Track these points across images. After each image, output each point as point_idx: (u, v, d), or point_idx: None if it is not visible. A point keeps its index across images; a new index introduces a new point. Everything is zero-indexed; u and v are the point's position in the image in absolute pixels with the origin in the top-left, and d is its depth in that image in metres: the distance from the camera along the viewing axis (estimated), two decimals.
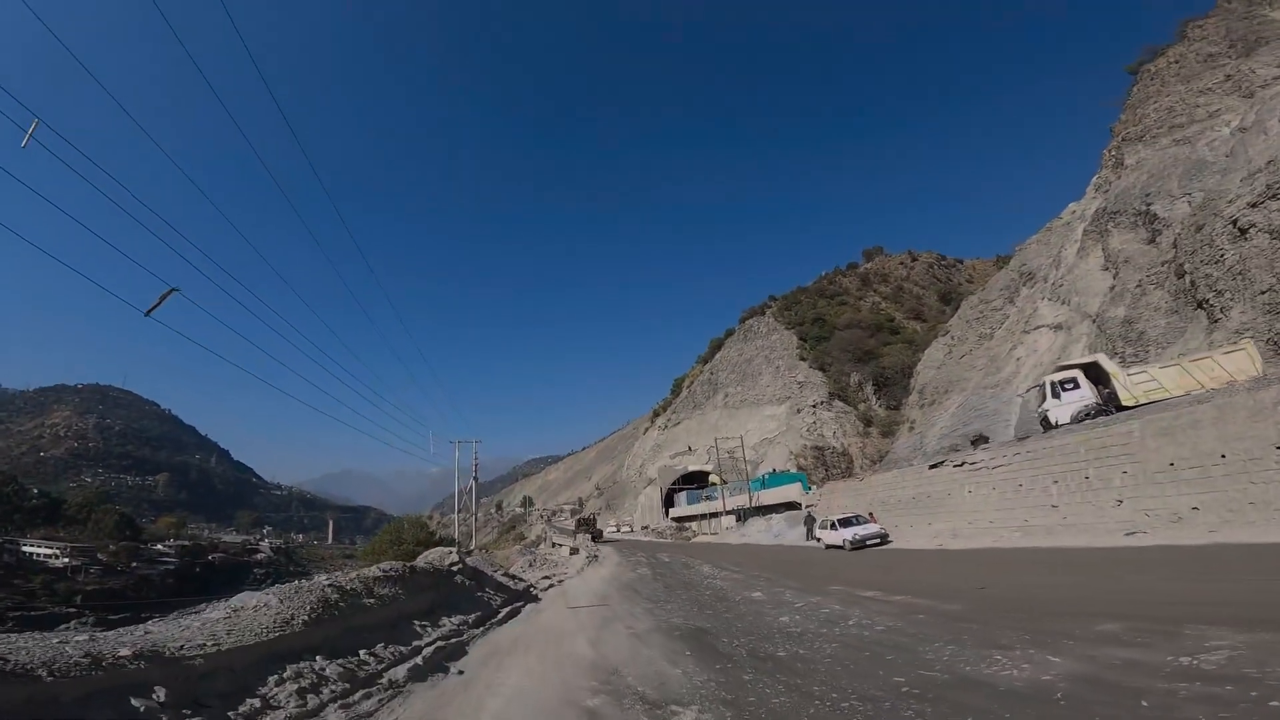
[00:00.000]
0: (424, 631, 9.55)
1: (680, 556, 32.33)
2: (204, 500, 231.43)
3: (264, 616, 7.12)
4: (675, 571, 23.66)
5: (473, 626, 11.01)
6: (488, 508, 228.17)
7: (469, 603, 12.28)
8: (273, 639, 6.78)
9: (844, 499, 33.91)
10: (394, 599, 9.81)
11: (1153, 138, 41.05)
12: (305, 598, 7.90)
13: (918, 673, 6.66)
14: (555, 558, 31.69)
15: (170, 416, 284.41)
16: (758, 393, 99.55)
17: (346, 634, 8.00)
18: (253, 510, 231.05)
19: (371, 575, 10.05)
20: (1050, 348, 44.03)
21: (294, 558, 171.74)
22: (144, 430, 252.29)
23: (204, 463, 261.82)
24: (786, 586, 15.33)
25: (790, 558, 26.43)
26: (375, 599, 9.26)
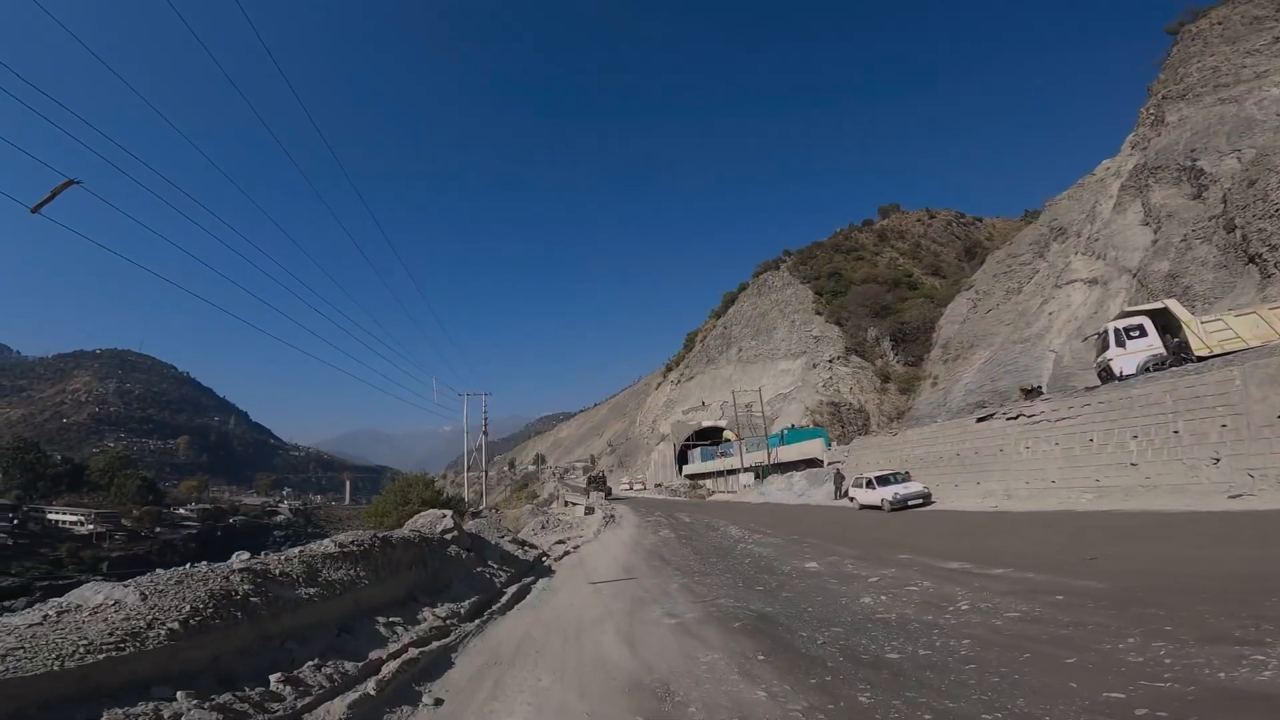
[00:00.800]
0: (393, 632, 6.89)
1: (701, 516, 30.24)
2: (224, 462, 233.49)
3: (101, 623, 4.51)
4: (701, 534, 21.47)
5: (466, 619, 8.43)
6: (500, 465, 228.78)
7: (464, 583, 9.75)
8: (99, 662, 4.11)
9: (874, 455, 31.52)
10: (350, 586, 7.05)
11: (1195, 96, 39.62)
12: (188, 591, 5.24)
13: (1140, 684, 4.27)
14: (569, 518, 29.63)
15: (188, 379, 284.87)
16: (772, 347, 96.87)
17: (257, 646, 5.38)
18: (271, 472, 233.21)
19: (320, 552, 7.27)
20: (1085, 302, 42.34)
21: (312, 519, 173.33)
22: (163, 394, 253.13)
23: (223, 425, 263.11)
24: (841, 555, 12.98)
25: (825, 519, 24.13)
26: (318, 587, 6.53)
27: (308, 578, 6.60)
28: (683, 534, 22.10)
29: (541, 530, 24.43)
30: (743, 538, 18.96)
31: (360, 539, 8.24)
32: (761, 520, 25.02)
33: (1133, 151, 45.02)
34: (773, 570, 11.96)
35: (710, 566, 13.33)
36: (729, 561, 13.86)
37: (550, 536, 22.51)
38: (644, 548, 18.25)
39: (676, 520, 28.85)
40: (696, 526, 24.98)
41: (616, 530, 25.06)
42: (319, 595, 6.45)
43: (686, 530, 23.53)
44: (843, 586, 9.56)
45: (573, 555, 16.43)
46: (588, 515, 31.06)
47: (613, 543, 20.40)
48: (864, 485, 25.43)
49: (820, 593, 9.27)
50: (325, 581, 6.78)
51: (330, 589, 6.74)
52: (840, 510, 26.99)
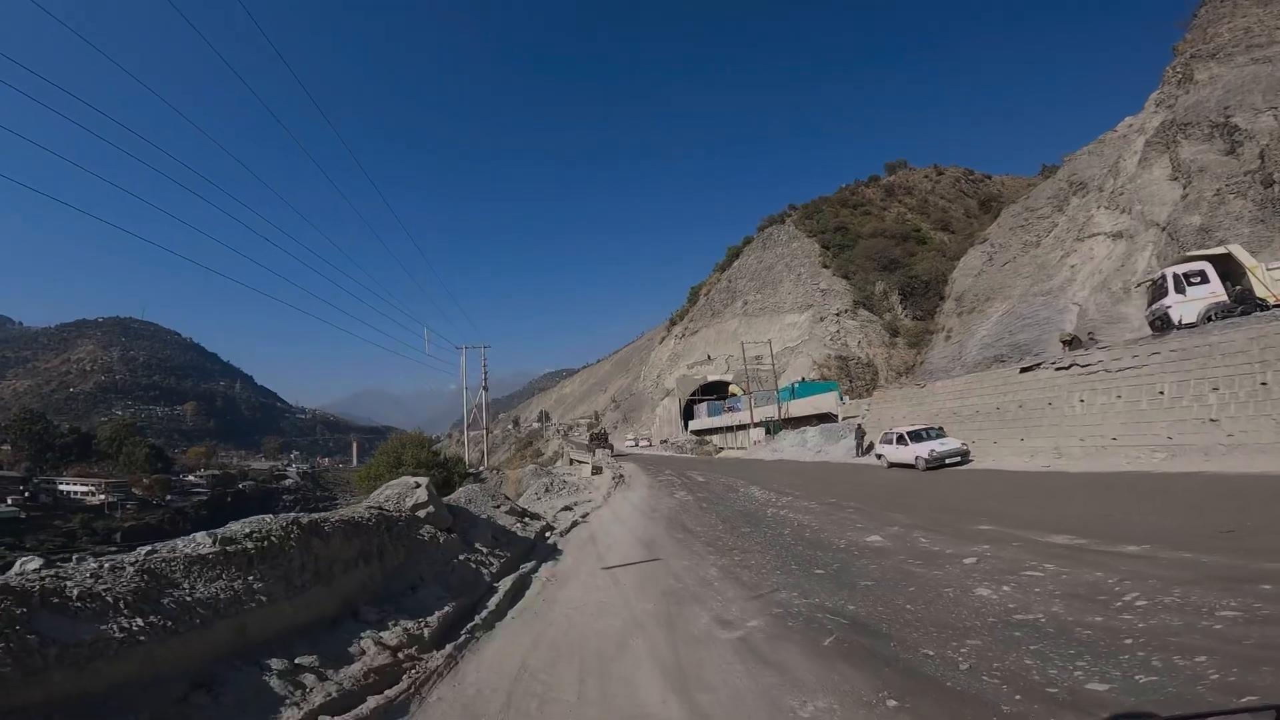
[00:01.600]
0: (296, 686, 4.19)
1: (716, 475, 28.23)
2: (231, 427, 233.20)
3: None
4: (722, 497, 19.39)
5: (432, 642, 5.68)
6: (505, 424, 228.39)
7: (440, 580, 7.17)
8: None
9: (900, 408, 29.34)
10: (230, 606, 4.38)
11: (1227, 55, 38.85)
12: None
13: None
14: (575, 479, 27.68)
15: (193, 345, 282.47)
16: (778, 300, 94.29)
17: None
18: (279, 435, 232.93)
19: (186, 554, 4.54)
20: (1110, 255, 41.40)
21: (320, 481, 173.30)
22: (168, 360, 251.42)
23: (229, 389, 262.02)
24: (902, 524, 10.81)
25: (855, 478, 22.01)
26: (163, 615, 3.90)
27: (141, 600, 3.88)
28: (701, 496, 20.04)
29: (545, 494, 22.33)
30: (770, 500, 16.86)
31: (268, 525, 5.41)
32: (784, 480, 22.96)
33: (1157, 109, 44.00)
34: (826, 545, 9.80)
35: (746, 540, 11.17)
36: (766, 533, 11.70)
37: (555, 501, 20.44)
38: (662, 514, 16.13)
39: (690, 480, 26.86)
40: (713, 487, 22.96)
41: (627, 492, 23.01)
42: (161, 628, 3.79)
43: (704, 491, 21.49)
44: (934, 571, 7.36)
45: (582, 526, 14.30)
46: (595, 475, 29.07)
47: (625, 508, 18.31)
48: (894, 441, 23.29)
49: (909, 580, 7.07)
50: (181, 603, 4.07)
51: (187, 615, 4.04)
52: (867, 469, 24.92)
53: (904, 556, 8.38)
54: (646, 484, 25.82)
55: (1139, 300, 40.95)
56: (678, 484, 25.30)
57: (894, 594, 6.60)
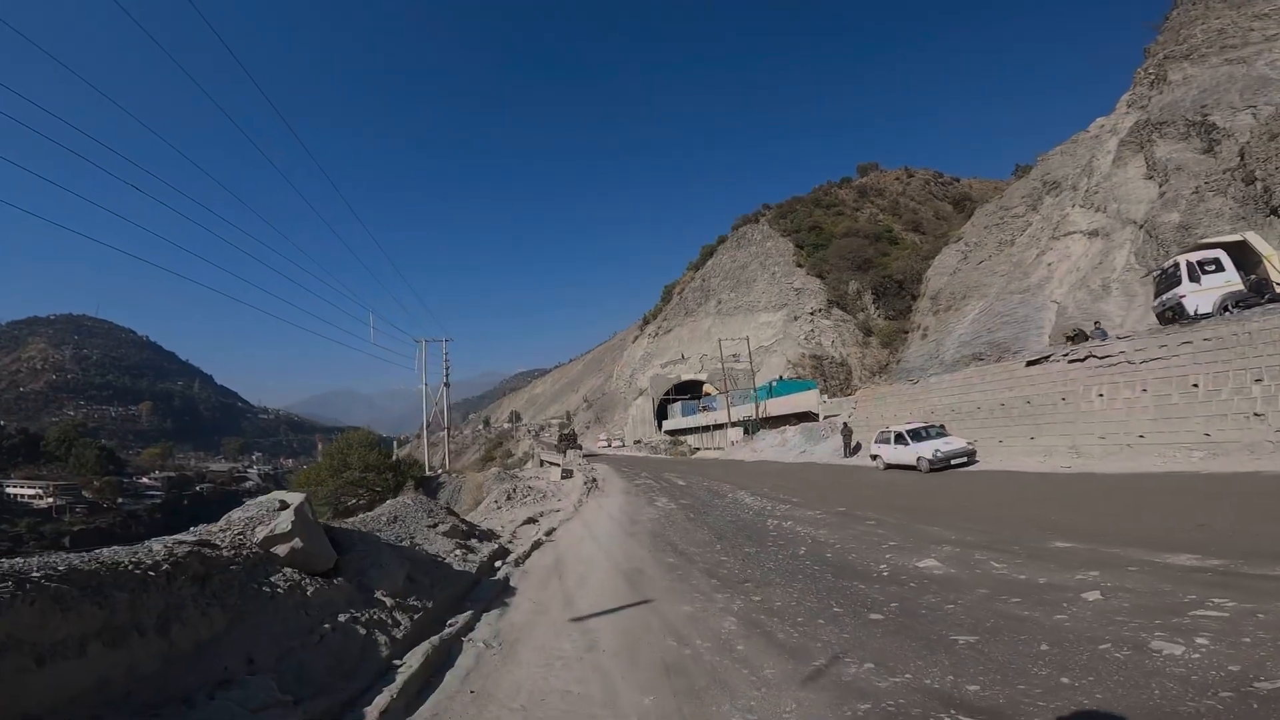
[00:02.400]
0: None
1: (696, 477, 25.92)
2: (190, 428, 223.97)
3: None
4: (708, 503, 17.03)
5: None
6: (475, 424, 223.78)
7: (285, 658, 4.35)
8: None
9: (891, 406, 27.39)
10: None
11: (1201, 57, 39.31)
12: None
13: None
14: (543, 484, 24.83)
15: (149, 343, 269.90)
16: (752, 299, 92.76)
17: None
18: (240, 436, 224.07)
19: None
20: (1086, 253, 41.13)
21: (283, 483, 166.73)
22: (123, 359, 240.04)
23: (187, 389, 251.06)
24: (948, 542, 8.59)
25: (853, 481, 19.85)
26: None
27: None
28: (685, 504, 17.66)
29: (507, 502, 19.52)
30: (767, 509, 14.56)
31: None
32: (772, 482, 20.73)
33: (1129, 110, 43.99)
34: (864, 573, 7.49)
35: (755, 565, 8.79)
36: (777, 554, 9.36)
37: (518, 512, 17.68)
38: (644, 528, 13.65)
39: (669, 483, 24.49)
40: (696, 492, 20.62)
41: (602, 499, 20.49)
42: None
43: (687, 498, 19.12)
44: (1053, 614, 5.06)
45: (547, 547, 11.62)
46: (565, 479, 26.42)
47: (600, 520, 15.74)
48: (891, 441, 21.24)
49: (1022, 629, 4.78)
50: None
51: None
52: (860, 470, 22.82)
53: (986, 590, 6.10)
54: (622, 489, 23.38)
55: (1119, 297, 40.74)
56: (656, 488, 22.92)
57: (1020, 658, 4.30)
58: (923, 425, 21.02)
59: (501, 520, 15.81)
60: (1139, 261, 36.24)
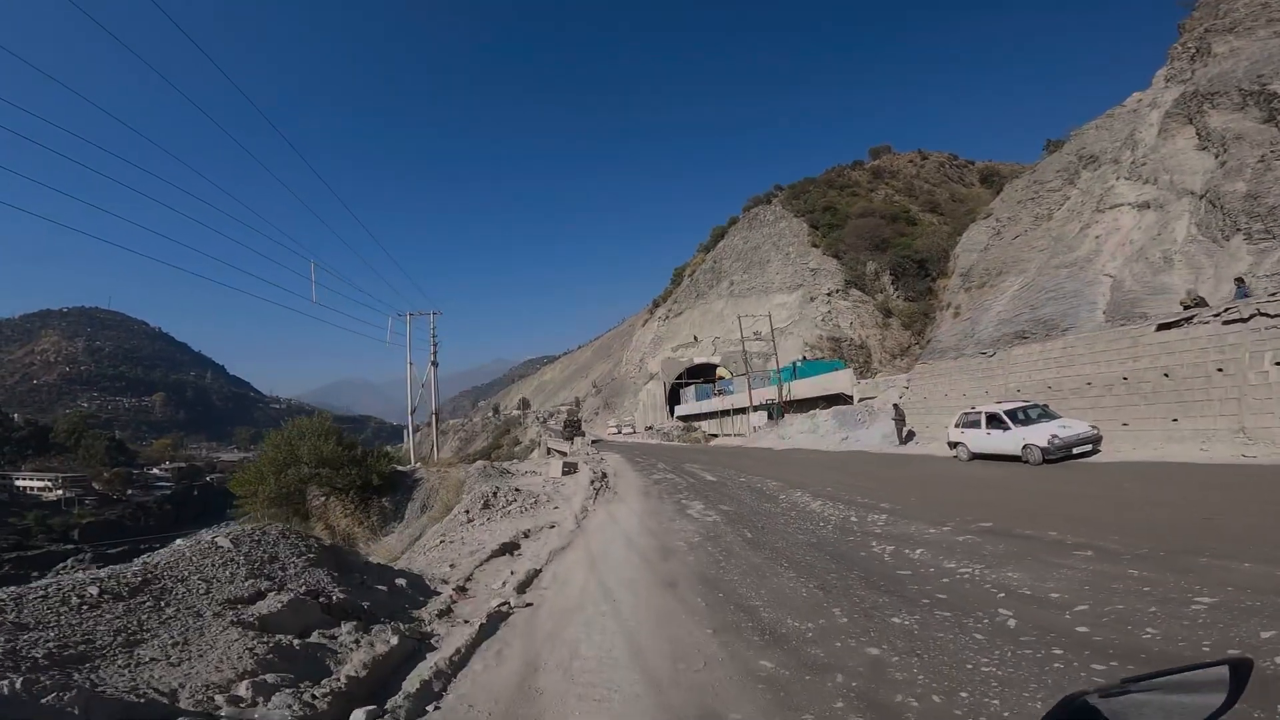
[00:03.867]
0: None
1: (726, 471, 21.32)
2: (203, 418, 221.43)
3: None
4: (761, 512, 12.44)
5: None
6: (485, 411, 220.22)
7: None
8: None
9: (959, 384, 22.66)
10: None
11: (1246, 30, 38.37)
12: None
13: None
14: (536, 484, 19.48)
15: (161, 334, 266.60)
16: (766, 280, 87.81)
17: None
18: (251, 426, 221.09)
19: None
20: (1139, 225, 38.94)
21: None
22: (135, 350, 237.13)
23: (200, 380, 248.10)
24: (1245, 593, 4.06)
25: (941, 477, 15.10)
26: None
27: None
28: (727, 510, 13.09)
29: (482, 512, 14.31)
30: (854, 523, 10.04)
31: None
32: (831, 479, 16.11)
33: (1168, 84, 42.26)
34: None
35: (958, 688, 4.23)
36: (995, 647, 4.77)
37: (495, 529, 12.92)
38: (685, 565, 8.99)
39: (696, 478, 19.93)
40: (735, 490, 16.06)
41: (613, 505, 15.64)
42: None
43: (727, 501, 14.52)
44: None
45: (515, 621, 6.82)
46: (567, 475, 21.89)
47: (613, 547, 10.93)
48: (981, 425, 16.56)
49: None
50: None
51: None
52: (936, 462, 18.09)
53: None
54: (639, 488, 18.77)
55: (1183, 270, 37.83)
56: (682, 486, 18.34)
57: None
58: (1022, 405, 16.31)
59: (461, 550, 11.03)
60: (1202, 233, 34.17)
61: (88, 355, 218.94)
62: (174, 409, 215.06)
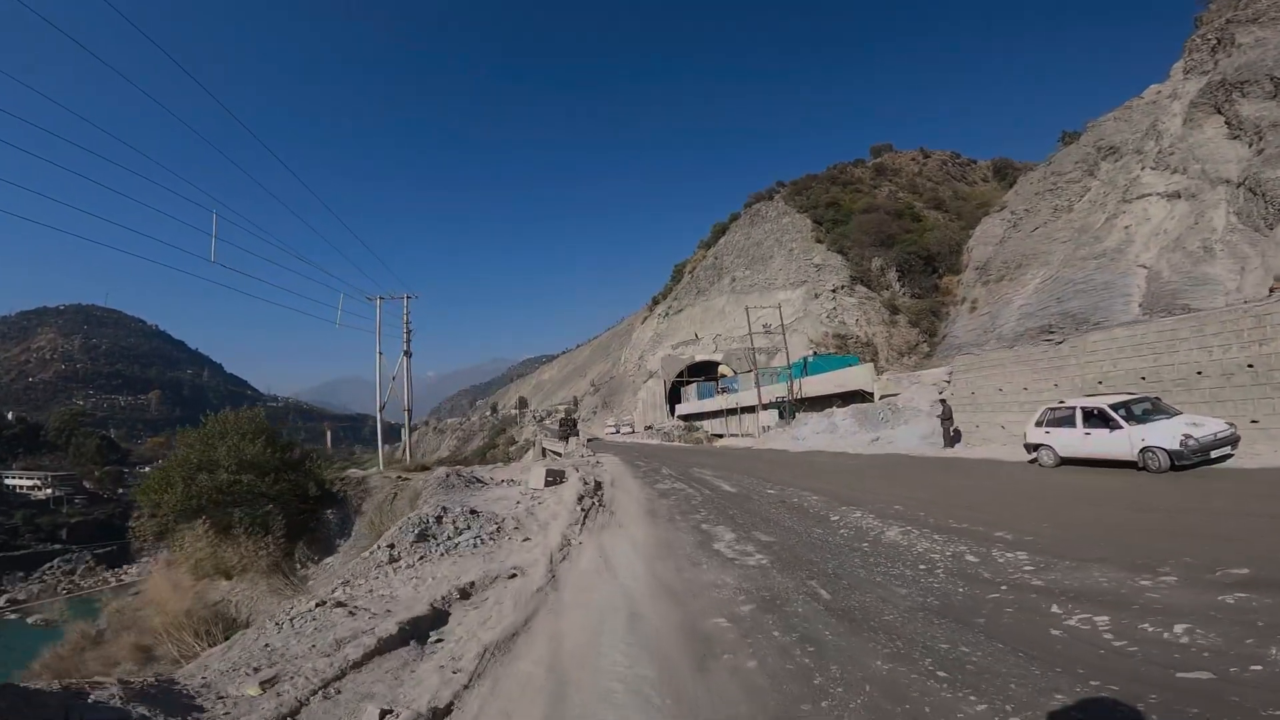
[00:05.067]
0: None
1: (745, 479, 17.74)
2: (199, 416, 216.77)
3: None
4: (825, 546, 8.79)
5: None
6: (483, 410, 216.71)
7: None
8: None
9: (1018, 376, 19.11)
10: None
11: (1270, 20, 38.34)
12: None
13: None
14: (509, 499, 15.19)
15: (158, 332, 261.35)
16: (769, 276, 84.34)
17: None
18: None
19: None
20: (1171, 215, 37.60)
21: None
22: (132, 348, 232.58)
23: (196, 377, 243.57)
24: None
25: (1039, 489, 11.43)
26: None
27: None
28: (769, 541, 9.51)
29: (415, 546, 10.09)
30: (972, 562, 6.56)
31: None
32: (885, 491, 12.53)
33: (1187, 75, 41.94)
34: None
35: None
36: None
37: (418, 582, 8.44)
38: (732, 667, 5.01)
39: (712, 489, 16.34)
40: (766, 509, 12.47)
41: (607, 536, 11.38)
42: None
43: (764, 526, 10.89)
44: None
45: None
46: (551, 486, 16.83)
47: (604, 621, 6.68)
48: (1076, 423, 13.00)
49: None
50: None
51: None
52: (1009, 469, 14.50)
53: None
54: (642, 504, 14.97)
55: (1226, 260, 32.60)
56: (698, 501, 14.71)
57: None
58: (1130, 397, 12.74)
59: (333, 631, 6.43)
60: (1243, 221, 32.91)
61: (84, 353, 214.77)
62: (170, 407, 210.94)
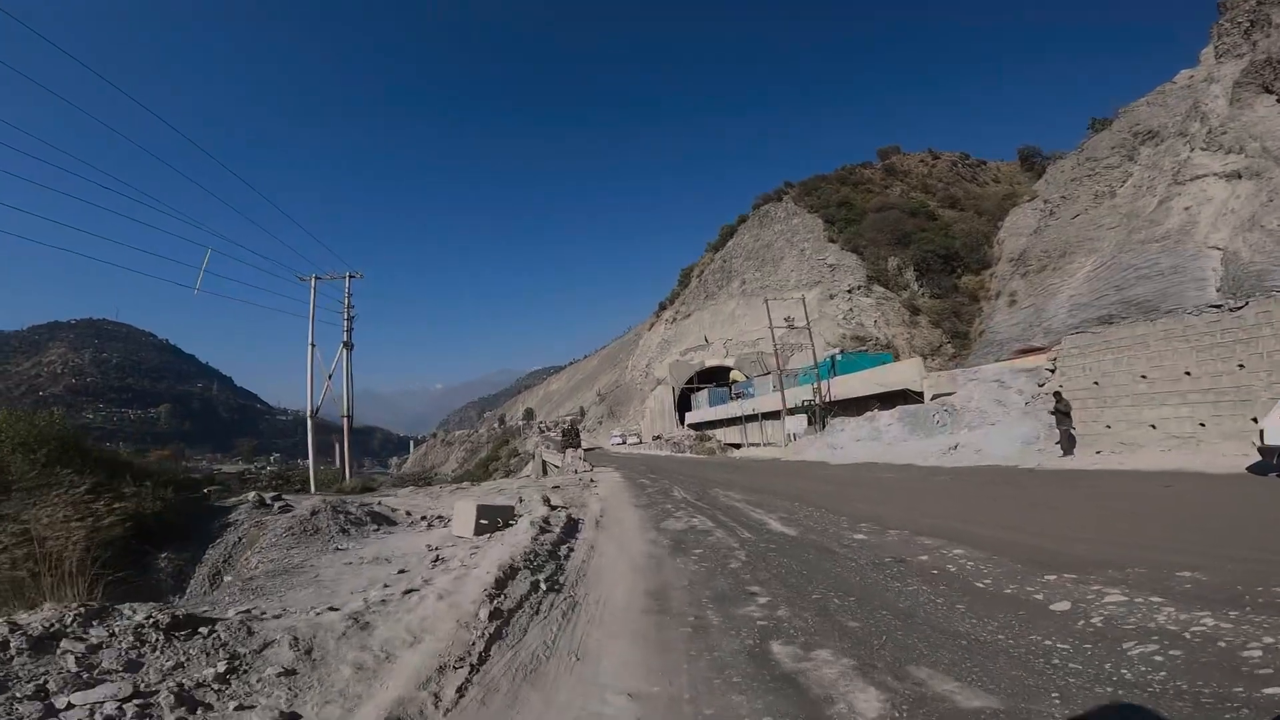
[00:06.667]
0: None
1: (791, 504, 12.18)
2: (209, 430, 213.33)
3: None
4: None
5: None
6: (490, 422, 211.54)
7: None
8: None
9: (1164, 357, 13.50)
10: None
11: None
12: None
13: None
14: (391, 563, 8.16)
15: (168, 346, 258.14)
16: (780, 278, 78.87)
17: None
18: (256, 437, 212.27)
19: None
20: (1235, 194, 34.94)
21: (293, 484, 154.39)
22: (143, 362, 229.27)
23: (206, 391, 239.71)
24: None
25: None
26: None
27: None
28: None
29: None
30: None
31: None
32: (1058, 528, 6.97)
33: (1220, 59, 40.60)
34: None
35: None
36: None
37: None
38: None
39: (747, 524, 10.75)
40: (859, 568, 6.96)
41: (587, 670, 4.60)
42: None
43: (891, 618, 5.44)
44: None
45: None
46: (485, 535, 9.45)
47: None
48: None
49: None
50: None
51: None
52: (1208, 483, 8.95)
53: None
54: (641, 567, 9.20)
55: None
56: (742, 558, 8.81)
57: None
58: None
59: None
60: None
61: (94, 367, 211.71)
62: (180, 420, 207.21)
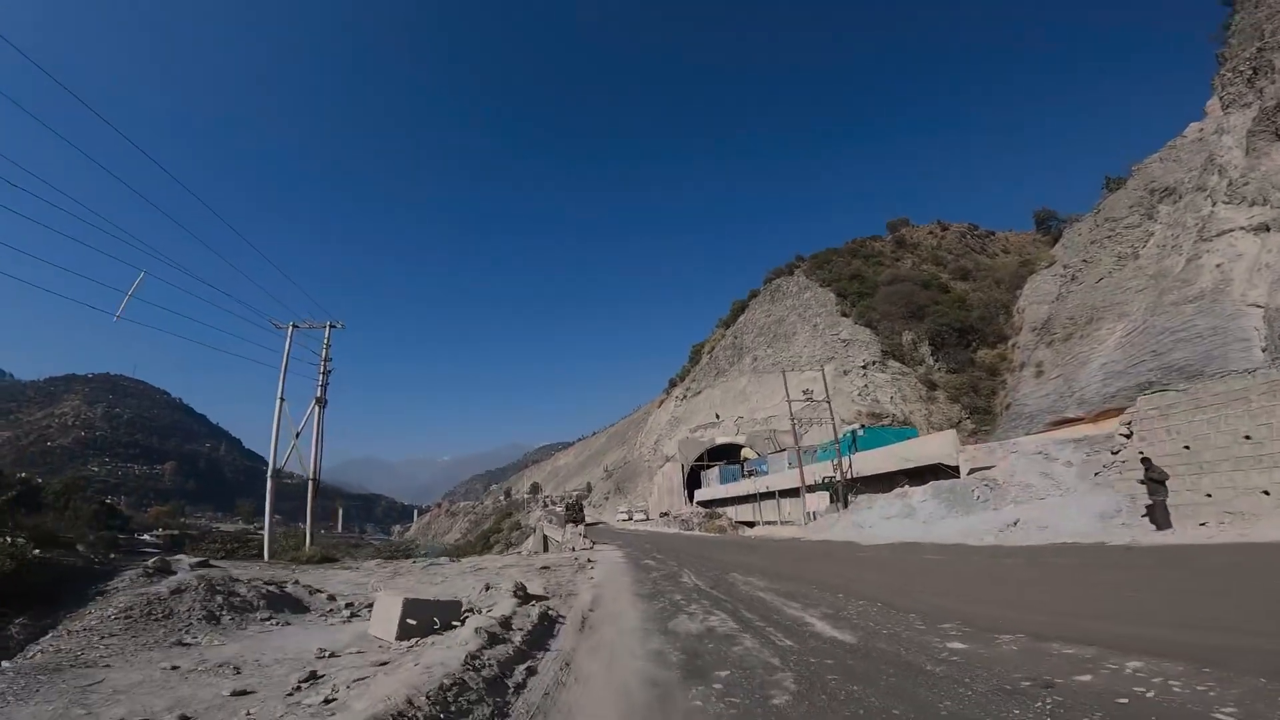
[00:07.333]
0: None
1: (834, 597, 9.24)
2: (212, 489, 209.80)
3: None
4: None
5: None
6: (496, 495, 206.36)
7: None
8: None
9: (1275, 413, 10.94)
10: None
11: None
12: None
13: None
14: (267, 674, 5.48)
15: (181, 405, 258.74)
16: (793, 354, 76.80)
17: None
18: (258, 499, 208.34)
19: None
20: (1266, 248, 33.07)
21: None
22: (154, 419, 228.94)
23: (214, 452, 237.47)
24: None
25: None
26: None
27: None
28: None
29: None
30: None
31: None
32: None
33: (1227, 110, 39.66)
34: None
35: None
36: None
37: None
38: None
39: (787, 629, 7.83)
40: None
41: None
42: None
43: None
44: None
45: None
46: (408, 642, 6.67)
47: None
48: None
49: None
50: None
51: None
52: None
53: None
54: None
55: None
56: (785, 677, 6.32)
57: None
58: None
59: None
60: None
61: (105, 421, 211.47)
62: (184, 478, 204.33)
